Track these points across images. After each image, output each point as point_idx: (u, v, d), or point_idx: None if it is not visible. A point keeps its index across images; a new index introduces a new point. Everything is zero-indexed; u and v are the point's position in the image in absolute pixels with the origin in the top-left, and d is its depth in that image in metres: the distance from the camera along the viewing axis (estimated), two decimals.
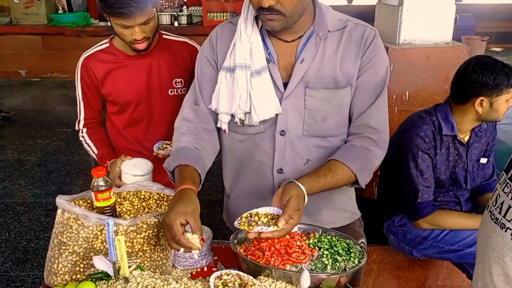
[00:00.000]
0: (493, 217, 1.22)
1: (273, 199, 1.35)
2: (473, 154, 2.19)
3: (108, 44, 1.96)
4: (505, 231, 1.16)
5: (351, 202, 1.72)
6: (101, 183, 1.36)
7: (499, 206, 1.20)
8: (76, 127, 2.09)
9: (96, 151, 2.03)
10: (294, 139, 1.51)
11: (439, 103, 2.21)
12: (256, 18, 1.49)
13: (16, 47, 8.71)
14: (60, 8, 9.20)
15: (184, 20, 8.98)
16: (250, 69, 1.46)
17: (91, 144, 2.05)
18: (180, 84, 1.99)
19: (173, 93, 2.00)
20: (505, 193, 1.19)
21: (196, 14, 9.17)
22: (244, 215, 1.36)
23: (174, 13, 9.00)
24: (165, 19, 9.03)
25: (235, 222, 1.35)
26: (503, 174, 1.23)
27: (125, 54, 1.94)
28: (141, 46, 1.82)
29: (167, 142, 1.94)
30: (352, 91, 1.48)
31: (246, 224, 1.33)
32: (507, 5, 11.11)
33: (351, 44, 1.46)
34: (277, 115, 1.49)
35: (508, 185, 1.19)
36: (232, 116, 1.53)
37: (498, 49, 10.90)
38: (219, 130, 1.61)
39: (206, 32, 9.25)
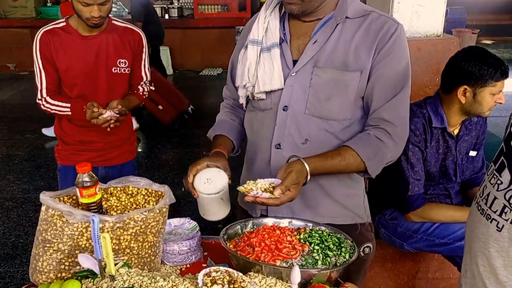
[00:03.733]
0: (479, 208, 1.22)
1: (278, 173, 1.41)
2: (462, 147, 2.18)
3: (65, 23, 2.24)
4: (490, 222, 1.17)
5: (355, 202, 1.66)
6: (86, 179, 1.34)
7: (485, 197, 1.20)
8: (38, 97, 2.27)
9: (67, 104, 2.23)
10: (296, 115, 1.53)
11: (430, 95, 2.20)
12: (280, 3, 1.58)
13: (4, 41, 8.60)
14: (49, 0, 9.09)
15: (174, 13, 8.92)
16: (261, 45, 1.54)
17: (59, 103, 2.24)
18: (124, 64, 2.29)
19: (116, 71, 2.28)
20: (492, 184, 1.19)
21: (187, 6, 9.11)
22: (248, 181, 1.42)
23: (165, 6, 8.94)
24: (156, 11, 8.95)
25: (238, 187, 1.42)
26: (491, 166, 1.22)
27: (78, 33, 2.22)
28: (97, 21, 2.12)
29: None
30: (362, 77, 1.47)
31: (246, 189, 1.39)
32: None
33: (369, 32, 1.47)
34: (282, 90, 1.53)
35: (494, 176, 1.18)
36: (247, 91, 1.61)
37: (488, 42, 10.95)
38: None
39: (197, 25, 9.25)
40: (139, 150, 5.59)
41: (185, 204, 4.11)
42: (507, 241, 1.12)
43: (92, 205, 1.36)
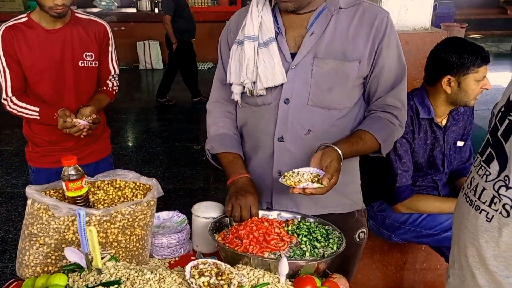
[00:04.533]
0: (468, 199, 1.23)
1: (312, 161, 1.43)
2: (450, 138, 2.21)
3: (26, 18, 2.16)
4: (480, 213, 1.17)
5: (352, 188, 1.70)
6: (72, 172, 1.33)
7: (474, 189, 1.21)
8: (3, 97, 2.18)
9: (36, 108, 2.16)
10: (297, 108, 1.54)
11: (416, 88, 2.22)
12: None
13: None
14: None
15: None
16: (257, 41, 1.53)
17: (27, 106, 2.16)
18: (90, 57, 2.23)
19: (83, 64, 2.22)
20: (479, 175, 1.20)
21: None
22: (287, 173, 1.43)
23: (155, 0, 8.86)
24: (145, 5, 8.89)
25: (280, 179, 1.42)
26: (478, 157, 1.23)
27: (42, 28, 2.14)
28: (60, 10, 2.04)
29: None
30: (361, 67, 1.52)
31: (291, 181, 1.39)
32: None
33: (363, 22, 1.51)
34: (282, 84, 1.53)
35: (482, 167, 1.19)
36: (243, 87, 1.60)
37: (477, 36, 11.01)
38: None
39: None
40: (130, 144, 5.57)
41: (175, 198, 4.11)
42: (496, 231, 1.13)
43: (78, 198, 1.36)
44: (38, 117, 2.16)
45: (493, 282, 1.16)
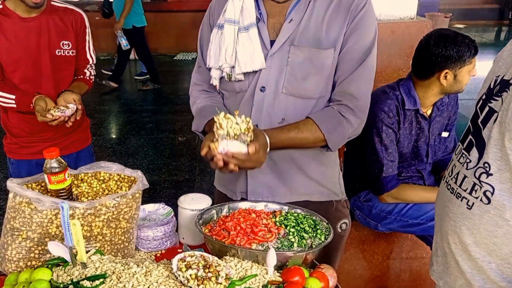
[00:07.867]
0: (449, 187, 1.24)
1: None
2: (435, 128, 2.22)
3: (1, 6, 2.12)
4: (461, 200, 1.19)
5: (331, 179, 1.69)
6: (55, 164, 1.30)
7: (455, 177, 1.22)
8: None
9: (12, 96, 2.12)
10: (272, 96, 1.52)
11: (402, 78, 2.22)
12: None
13: None
14: None
15: None
16: (238, 25, 1.51)
17: (3, 94, 2.13)
18: (67, 46, 2.21)
19: (60, 53, 2.20)
20: (461, 163, 1.21)
21: None
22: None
23: None
24: None
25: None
26: (459, 145, 1.24)
27: (17, 16, 2.11)
28: (38, 0, 2.03)
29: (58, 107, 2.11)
30: (336, 54, 1.49)
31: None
32: None
33: (340, 8, 1.49)
34: (260, 71, 1.52)
35: (463, 155, 1.20)
36: (222, 72, 1.58)
37: (461, 26, 11.12)
38: None
39: (170, 8, 9.07)
40: (113, 136, 5.50)
41: (161, 190, 4.07)
42: (477, 219, 1.15)
43: (61, 191, 1.33)
44: (15, 105, 2.12)
45: (475, 268, 1.18)
